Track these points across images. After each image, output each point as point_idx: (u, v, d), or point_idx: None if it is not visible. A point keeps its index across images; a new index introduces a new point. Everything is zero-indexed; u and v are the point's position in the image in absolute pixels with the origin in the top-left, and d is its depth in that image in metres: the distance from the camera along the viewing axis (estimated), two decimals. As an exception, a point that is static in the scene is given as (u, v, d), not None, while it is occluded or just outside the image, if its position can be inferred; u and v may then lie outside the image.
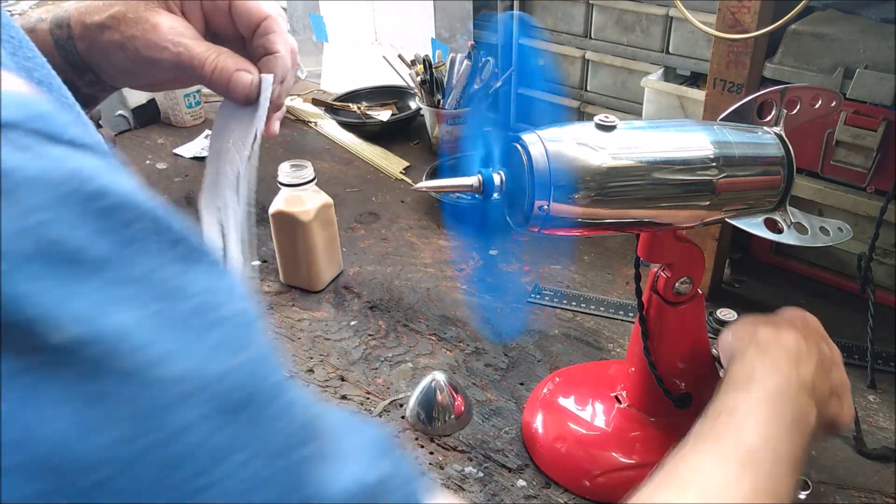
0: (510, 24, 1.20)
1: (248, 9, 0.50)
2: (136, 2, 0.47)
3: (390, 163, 1.25)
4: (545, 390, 0.73)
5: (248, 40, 0.51)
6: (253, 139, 0.48)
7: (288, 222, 0.88)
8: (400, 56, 1.28)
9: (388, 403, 0.75)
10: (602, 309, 0.88)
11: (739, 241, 0.94)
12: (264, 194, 1.17)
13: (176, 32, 0.47)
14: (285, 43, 0.50)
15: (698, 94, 0.95)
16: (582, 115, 1.17)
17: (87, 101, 0.52)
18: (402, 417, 0.73)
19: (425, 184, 0.55)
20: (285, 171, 0.87)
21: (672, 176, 0.53)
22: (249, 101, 0.49)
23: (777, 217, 0.58)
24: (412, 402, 0.72)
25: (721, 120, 0.61)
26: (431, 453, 0.69)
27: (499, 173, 0.53)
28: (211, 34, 0.50)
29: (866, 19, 0.80)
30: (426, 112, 1.25)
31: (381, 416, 0.74)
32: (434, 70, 1.22)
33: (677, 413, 0.67)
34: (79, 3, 0.49)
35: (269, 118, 0.51)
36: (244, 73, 0.48)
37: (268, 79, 0.49)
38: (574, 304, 0.89)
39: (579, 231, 0.54)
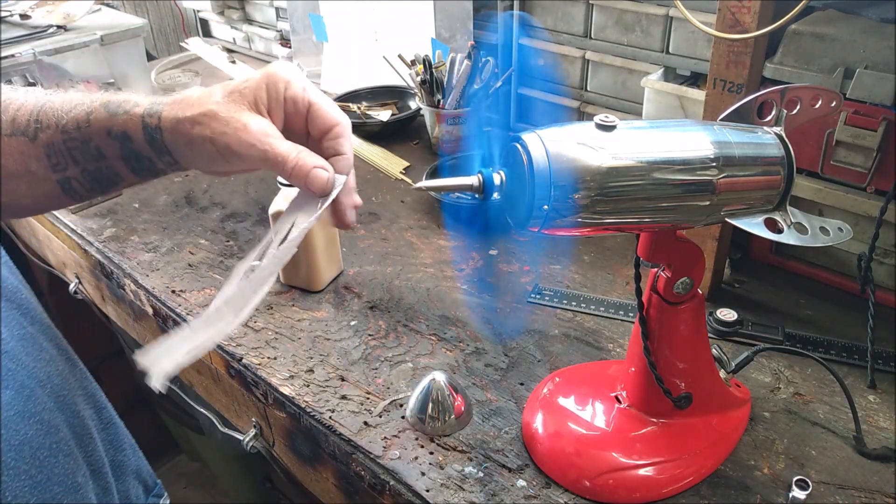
0: (510, 24, 1.20)
1: (323, 114, 0.55)
2: (228, 104, 0.52)
3: (390, 163, 1.25)
4: (545, 390, 0.73)
5: (315, 140, 0.56)
6: (307, 224, 0.54)
7: (288, 222, 0.88)
8: (400, 56, 1.28)
9: (388, 403, 0.75)
10: (602, 309, 0.88)
11: (739, 241, 0.94)
12: (264, 194, 1.17)
13: (263, 133, 0.52)
14: (350, 146, 0.57)
15: (698, 94, 0.95)
16: (582, 115, 1.17)
17: (158, 173, 0.57)
18: (402, 417, 0.73)
19: (425, 183, 0.55)
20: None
21: (672, 176, 0.53)
22: (325, 194, 0.54)
23: (777, 217, 0.58)
24: (412, 402, 0.72)
25: (721, 120, 0.61)
26: (431, 453, 0.69)
27: (499, 173, 0.53)
28: (286, 132, 0.55)
29: (866, 19, 0.80)
30: (426, 112, 1.25)
31: (381, 416, 0.74)
32: (434, 70, 1.22)
33: (677, 413, 0.67)
34: (174, 98, 0.54)
35: (344, 211, 0.57)
36: (321, 171, 0.53)
37: (340, 178, 0.55)
38: (574, 304, 0.89)
39: (579, 231, 0.54)
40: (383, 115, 1.35)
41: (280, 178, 0.87)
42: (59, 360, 0.58)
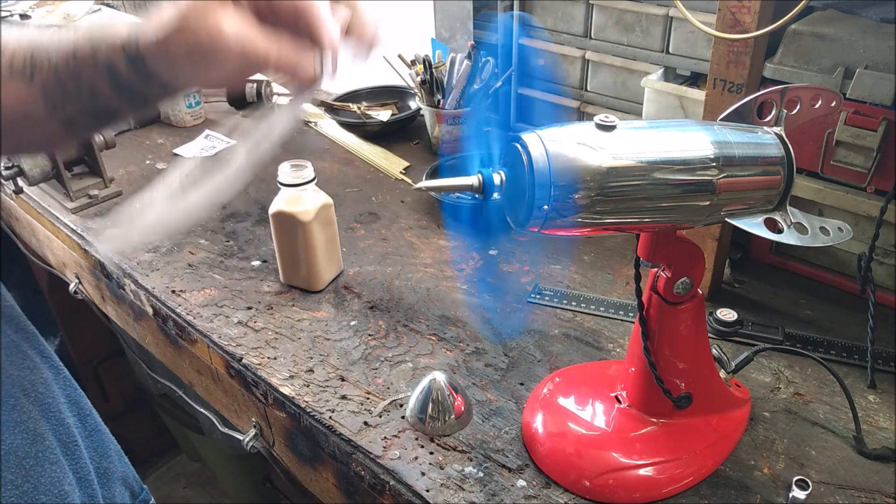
0: (510, 24, 1.20)
1: (281, 9, 0.50)
2: (196, 13, 0.48)
3: (390, 163, 1.25)
4: (545, 390, 0.73)
5: (293, 27, 0.51)
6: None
7: (288, 222, 0.88)
8: (400, 56, 1.28)
9: (388, 403, 0.75)
10: (602, 309, 0.88)
11: (739, 241, 0.94)
12: (264, 194, 1.17)
13: (237, 36, 0.48)
14: (328, 30, 0.51)
15: (698, 94, 0.95)
16: (582, 115, 1.17)
17: (153, 101, 0.54)
18: (402, 417, 0.73)
19: (425, 184, 0.55)
20: (285, 171, 0.87)
21: (672, 176, 0.53)
22: (315, 84, 0.52)
23: (777, 217, 0.58)
24: (412, 402, 0.72)
25: (721, 120, 0.61)
26: (431, 453, 0.69)
27: (499, 173, 0.53)
28: (264, 23, 0.51)
29: (866, 19, 0.80)
30: (426, 112, 1.25)
31: (381, 416, 0.74)
32: (434, 70, 1.22)
33: (677, 413, 0.67)
34: (147, 19, 0.51)
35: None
36: (306, 68, 0.50)
37: (326, 62, 0.52)
38: (574, 304, 0.89)
39: (579, 231, 0.54)
40: (383, 115, 1.35)
41: (280, 178, 0.87)
42: (42, 368, 0.57)
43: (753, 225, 0.57)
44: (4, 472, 0.50)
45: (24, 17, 1.39)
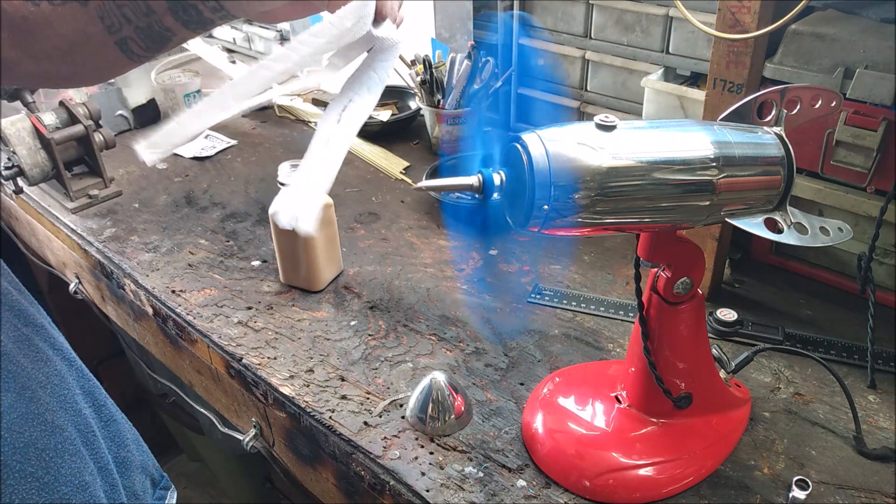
0: (510, 24, 1.20)
1: None
2: None
3: (390, 163, 1.25)
4: (545, 390, 0.73)
5: None
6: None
7: (288, 222, 0.88)
8: (400, 56, 1.28)
9: (388, 403, 0.75)
10: (602, 309, 0.88)
11: (739, 241, 0.94)
12: (264, 194, 1.17)
13: None
14: None
15: (698, 94, 0.95)
16: (582, 115, 1.17)
17: (208, 23, 0.54)
18: (402, 417, 0.73)
19: (425, 184, 0.55)
20: (285, 171, 0.87)
21: (672, 176, 0.53)
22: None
23: (777, 217, 0.59)
24: (412, 402, 0.72)
25: (721, 120, 0.61)
26: (431, 453, 0.69)
27: (499, 173, 0.53)
28: None
29: (866, 19, 0.80)
30: (426, 112, 1.25)
31: (380, 416, 0.74)
32: (434, 70, 1.22)
33: (677, 413, 0.67)
34: None
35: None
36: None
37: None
38: (574, 304, 0.89)
39: (579, 231, 0.54)
40: (383, 115, 1.35)
41: (280, 178, 0.87)
42: (56, 360, 0.58)
43: (753, 225, 0.57)
44: (24, 464, 0.51)
45: None
